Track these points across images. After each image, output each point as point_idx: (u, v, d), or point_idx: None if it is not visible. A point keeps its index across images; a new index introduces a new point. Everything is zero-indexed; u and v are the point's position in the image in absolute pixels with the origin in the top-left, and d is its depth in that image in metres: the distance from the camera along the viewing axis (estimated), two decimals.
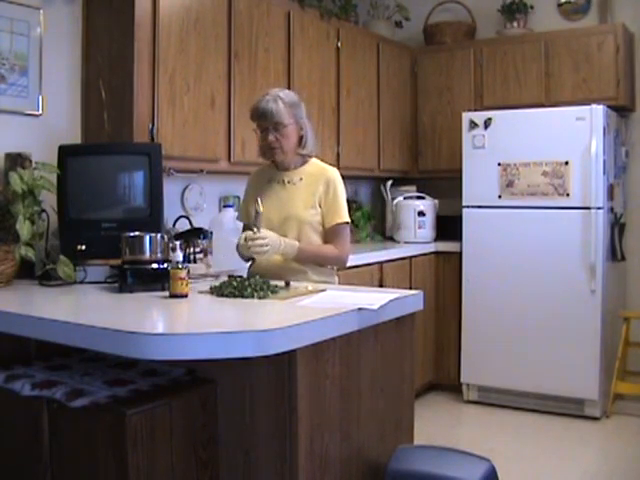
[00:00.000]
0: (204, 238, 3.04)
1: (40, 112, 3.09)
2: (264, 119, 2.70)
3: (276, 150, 2.72)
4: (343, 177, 2.82)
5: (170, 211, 3.38)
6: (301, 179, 2.77)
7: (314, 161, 2.84)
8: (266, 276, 2.57)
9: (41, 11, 3.08)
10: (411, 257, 4.58)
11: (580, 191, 4.25)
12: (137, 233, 2.55)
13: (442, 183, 5.19)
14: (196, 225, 3.20)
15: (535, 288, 4.39)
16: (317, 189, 2.73)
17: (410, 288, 4.15)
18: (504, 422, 4.28)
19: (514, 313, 4.46)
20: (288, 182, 2.78)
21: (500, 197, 4.51)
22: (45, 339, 2.04)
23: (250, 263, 2.84)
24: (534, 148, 4.39)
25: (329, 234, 2.74)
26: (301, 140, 2.77)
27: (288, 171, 2.80)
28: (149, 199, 2.87)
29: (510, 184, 4.47)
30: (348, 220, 2.78)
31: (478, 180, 4.58)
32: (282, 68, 3.91)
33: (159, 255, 2.53)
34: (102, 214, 2.86)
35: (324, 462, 2.05)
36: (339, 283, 2.88)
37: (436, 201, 4.99)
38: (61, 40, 3.19)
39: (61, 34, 3.19)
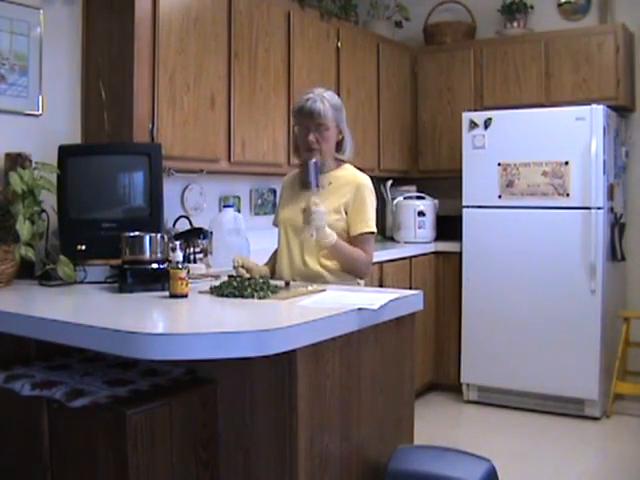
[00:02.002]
0: (204, 238, 3.04)
1: (40, 112, 3.09)
2: (309, 118, 2.64)
3: (314, 152, 2.66)
4: None
5: (170, 211, 3.38)
6: (330, 183, 2.70)
7: (347, 166, 2.79)
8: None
9: (41, 11, 3.08)
10: (411, 257, 4.58)
11: (580, 191, 4.25)
12: (137, 233, 2.54)
13: (442, 183, 5.19)
14: (196, 225, 3.21)
15: (535, 288, 4.39)
16: (345, 195, 2.67)
17: (410, 288, 4.15)
18: (504, 422, 4.28)
19: (514, 313, 4.46)
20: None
21: (500, 197, 4.51)
22: (45, 339, 2.04)
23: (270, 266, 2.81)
24: (534, 148, 4.38)
25: (354, 243, 2.65)
26: (339, 145, 2.73)
27: (320, 175, 2.71)
28: (149, 199, 2.87)
29: (510, 184, 4.47)
30: (374, 230, 2.69)
31: (478, 180, 4.58)
32: (282, 68, 3.91)
33: (159, 255, 2.53)
34: (102, 214, 2.86)
35: (324, 462, 2.05)
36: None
37: (436, 201, 4.99)
38: (61, 40, 3.19)
39: (61, 34, 3.19)
